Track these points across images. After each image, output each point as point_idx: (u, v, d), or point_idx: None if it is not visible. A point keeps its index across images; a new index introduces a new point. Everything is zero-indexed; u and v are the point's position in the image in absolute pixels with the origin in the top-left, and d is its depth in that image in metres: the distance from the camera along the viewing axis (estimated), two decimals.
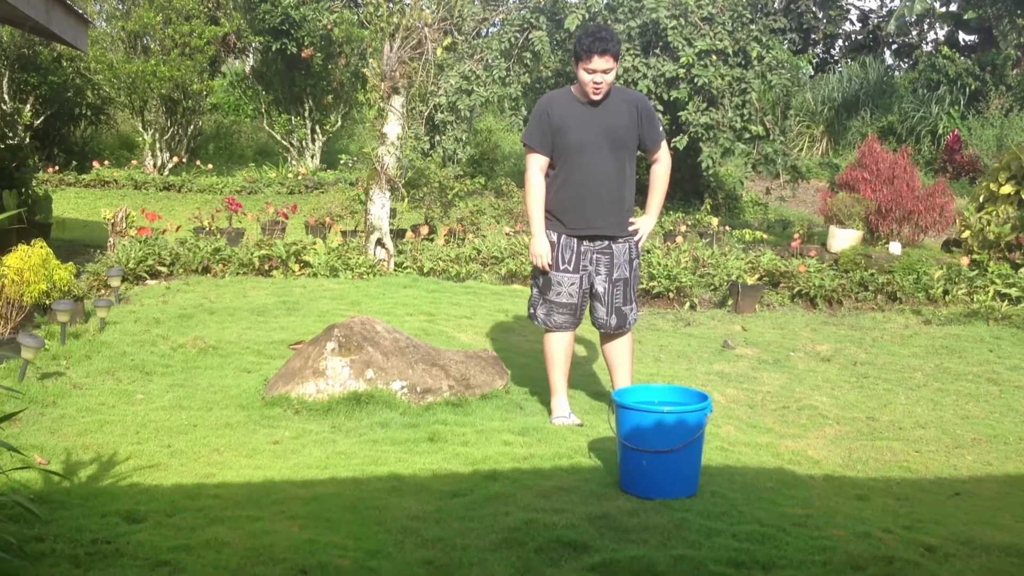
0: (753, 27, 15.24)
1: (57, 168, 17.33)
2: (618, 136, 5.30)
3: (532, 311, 5.60)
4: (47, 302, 7.34)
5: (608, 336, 5.57)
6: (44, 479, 4.13)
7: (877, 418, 6.29)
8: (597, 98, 5.24)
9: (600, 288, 5.42)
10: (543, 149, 5.30)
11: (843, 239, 12.77)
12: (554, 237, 5.37)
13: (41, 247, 7.69)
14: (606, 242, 5.38)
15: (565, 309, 5.43)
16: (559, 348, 5.53)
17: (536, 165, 5.34)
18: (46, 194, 12.84)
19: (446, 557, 3.47)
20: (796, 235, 13.29)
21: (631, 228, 5.45)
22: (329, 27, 18.46)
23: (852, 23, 30.02)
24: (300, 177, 17.83)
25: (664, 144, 5.54)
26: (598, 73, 5.15)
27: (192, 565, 3.30)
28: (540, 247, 5.34)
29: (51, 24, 9.16)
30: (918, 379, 7.30)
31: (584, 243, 5.36)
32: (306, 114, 19.93)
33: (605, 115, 5.29)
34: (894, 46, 29.71)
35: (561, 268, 5.37)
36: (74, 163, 18.09)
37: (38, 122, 18.39)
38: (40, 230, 11.44)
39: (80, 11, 10.30)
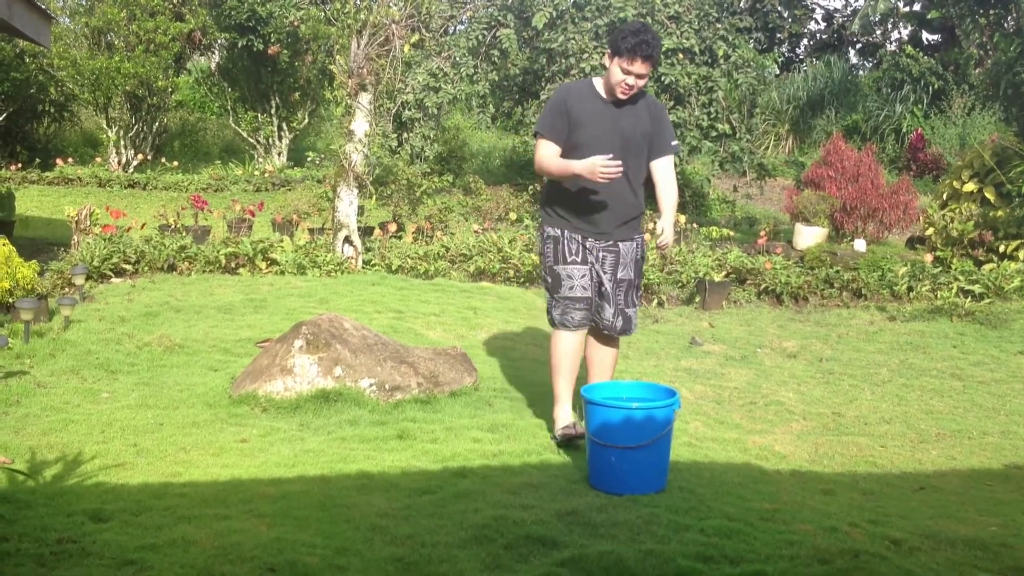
0: (719, 26, 15.30)
1: (20, 165, 17.13)
2: (635, 141, 5.00)
3: (549, 315, 5.21)
4: (10, 300, 7.26)
5: (604, 338, 5.27)
6: (8, 478, 4.09)
7: (843, 413, 6.34)
8: (624, 98, 4.96)
9: (608, 286, 5.10)
10: (556, 138, 4.97)
11: (809, 236, 12.87)
12: (556, 232, 5.07)
13: (4, 245, 7.60)
14: (612, 240, 5.10)
15: (581, 304, 5.04)
16: (570, 348, 5.10)
17: (548, 153, 4.97)
18: (9, 192, 12.69)
19: (415, 554, 3.47)
20: (762, 232, 13.37)
21: (660, 241, 5.08)
22: (296, 24, 18.34)
23: (817, 22, 30.29)
24: (267, 175, 17.72)
25: (671, 159, 5.17)
26: (633, 76, 4.85)
27: (159, 564, 3.28)
28: (585, 163, 4.75)
29: (13, 19, 9.03)
30: (883, 375, 7.37)
31: (589, 239, 5.05)
32: (273, 111, 19.81)
33: (625, 117, 5.00)
34: (858, 45, 29.96)
35: (568, 260, 5.03)
36: (37, 160, 17.87)
37: (0, 119, 18.17)
38: (3, 228, 11.32)
39: (43, 7, 10.18)
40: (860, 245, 12.14)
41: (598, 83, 5.07)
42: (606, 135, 4.95)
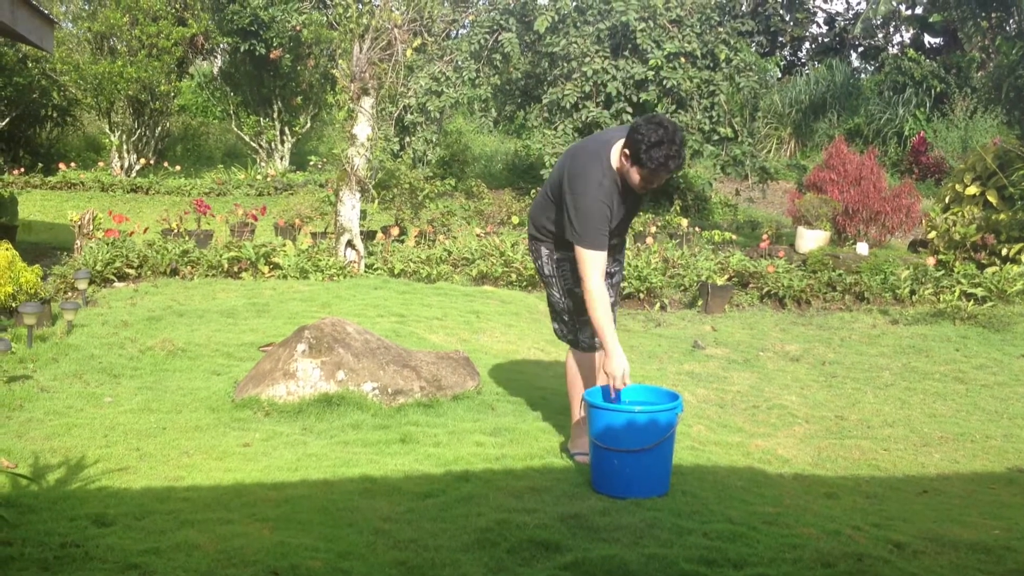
0: (721, 30, 15.33)
1: (23, 170, 17.15)
2: (644, 202, 4.88)
3: (572, 337, 5.00)
4: (13, 305, 7.27)
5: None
6: (12, 483, 4.09)
7: (846, 417, 6.34)
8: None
9: (613, 296, 5.02)
10: (605, 248, 4.63)
11: (811, 240, 12.86)
12: (571, 253, 4.77)
13: (7, 249, 7.62)
14: (613, 255, 4.94)
15: None
16: (592, 367, 4.93)
17: (599, 269, 4.59)
18: (12, 196, 12.72)
19: (418, 558, 3.47)
20: (765, 236, 13.37)
21: None
22: (298, 28, 18.38)
23: (819, 26, 30.29)
24: (269, 179, 17.75)
25: None
26: (654, 184, 4.60)
27: (162, 568, 3.28)
28: (621, 362, 4.52)
29: (16, 24, 9.05)
30: (886, 378, 7.37)
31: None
32: (275, 115, 19.83)
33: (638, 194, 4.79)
34: (860, 49, 29.98)
35: None
36: (40, 165, 17.90)
37: (3, 124, 18.20)
38: (6, 232, 11.33)
39: (46, 12, 10.19)
40: (862, 248, 12.13)
41: (614, 159, 4.63)
42: (628, 215, 4.81)
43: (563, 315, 5.03)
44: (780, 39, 27.72)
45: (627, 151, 4.51)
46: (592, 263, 4.59)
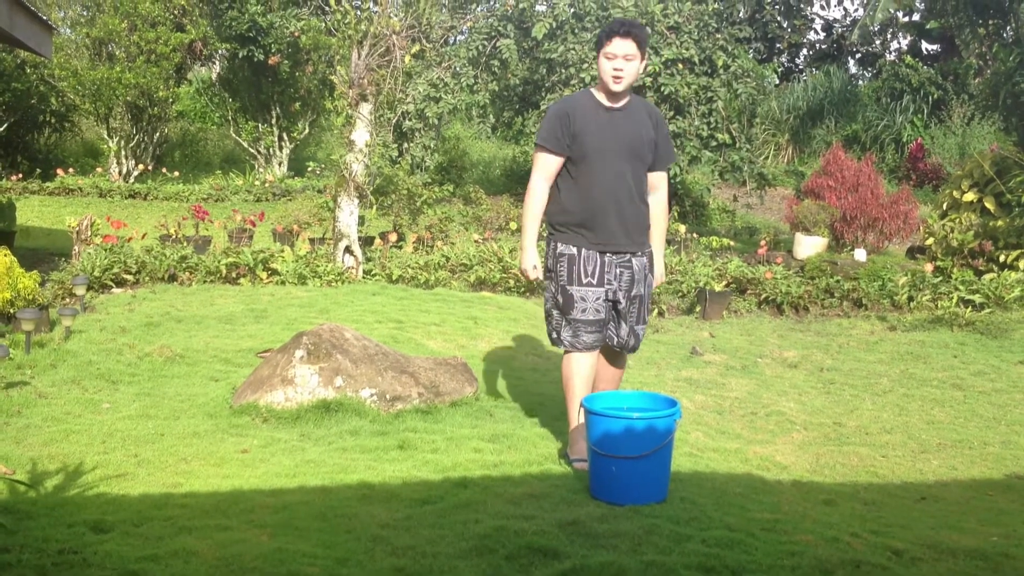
0: (719, 36, 15.35)
1: (21, 176, 17.15)
2: (638, 147, 4.92)
3: (555, 336, 5.03)
4: (11, 311, 7.26)
5: (613, 356, 5.17)
6: (9, 489, 4.09)
7: (844, 424, 6.34)
8: (618, 88, 4.79)
9: (624, 305, 4.96)
10: (559, 150, 4.85)
11: (809, 246, 12.88)
12: (572, 250, 4.87)
13: (5, 255, 7.60)
14: (627, 256, 4.93)
15: (593, 327, 4.88)
16: (585, 370, 4.95)
17: (544, 172, 4.90)
18: (10, 202, 12.70)
19: (416, 565, 3.46)
20: (763, 242, 13.38)
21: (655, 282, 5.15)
22: (296, 34, 18.41)
23: (816, 32, 30.36)
24: (267, 184, 17.75)
25: (666, 175, 5.19)
26: (619, 58, 4.73)
27: (160, 575, 3.27)
28: (529, 261, 4.96)
29: (14, 30, 9.06)
30: (884, 385, 7.37)
31: (607, 255, 4.88)
32: (273, 121, 19.85)
33: (627, 123, 4.89)
34: (858, 55, 30.03)
35: (584, 282, 4.85)
36: (38, 171, 17.89)
37: (1, 129, 18.20)
38: (4, 238, 11.33)
39: (44, 17, 10.21)
40: (860, 255, 12.15)
41: (597, 90, 4.96)
42: (611, 143, 4.85)
43: (553, 311, 5.04)
44: (778, 45, 27.78)
45: (596, 51, 4.94)
46: (540, 163, 4.95)
